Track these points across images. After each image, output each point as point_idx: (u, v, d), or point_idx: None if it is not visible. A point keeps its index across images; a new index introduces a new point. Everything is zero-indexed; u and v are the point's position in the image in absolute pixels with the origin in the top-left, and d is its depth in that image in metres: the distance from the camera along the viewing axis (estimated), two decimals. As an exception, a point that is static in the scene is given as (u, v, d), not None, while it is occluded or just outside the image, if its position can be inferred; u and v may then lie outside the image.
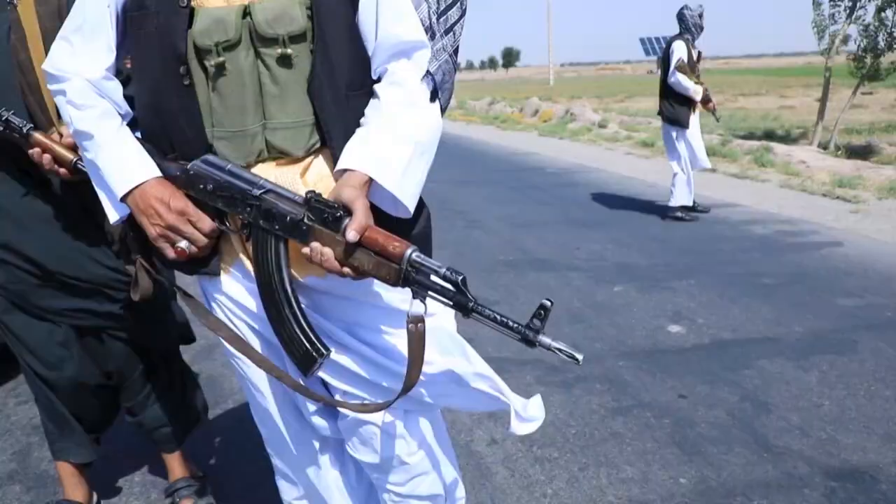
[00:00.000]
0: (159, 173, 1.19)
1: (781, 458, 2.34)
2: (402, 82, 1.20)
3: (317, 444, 1.44)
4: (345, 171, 1.15)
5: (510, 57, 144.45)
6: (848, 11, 9.70)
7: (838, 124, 10.20)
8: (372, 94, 1.22)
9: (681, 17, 5.93)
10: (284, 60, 1.15)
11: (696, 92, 5.78)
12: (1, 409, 2.88)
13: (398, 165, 1.15)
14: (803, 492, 2.15)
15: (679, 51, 5.81)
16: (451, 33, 1.37)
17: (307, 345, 1.17)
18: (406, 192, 1.17)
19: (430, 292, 1.08)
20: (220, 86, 1.16)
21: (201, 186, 1.17)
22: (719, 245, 5.16)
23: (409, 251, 1.08)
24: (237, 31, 1.13)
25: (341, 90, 1.18)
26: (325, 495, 1.48)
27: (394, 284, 1.09)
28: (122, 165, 1.18)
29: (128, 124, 1.26)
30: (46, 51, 1.64)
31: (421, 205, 1.29)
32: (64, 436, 1.98)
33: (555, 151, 11.39)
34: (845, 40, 10.12)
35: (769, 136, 11.69)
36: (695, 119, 5.96)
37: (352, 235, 1.07)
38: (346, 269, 1.11)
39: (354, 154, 1.15)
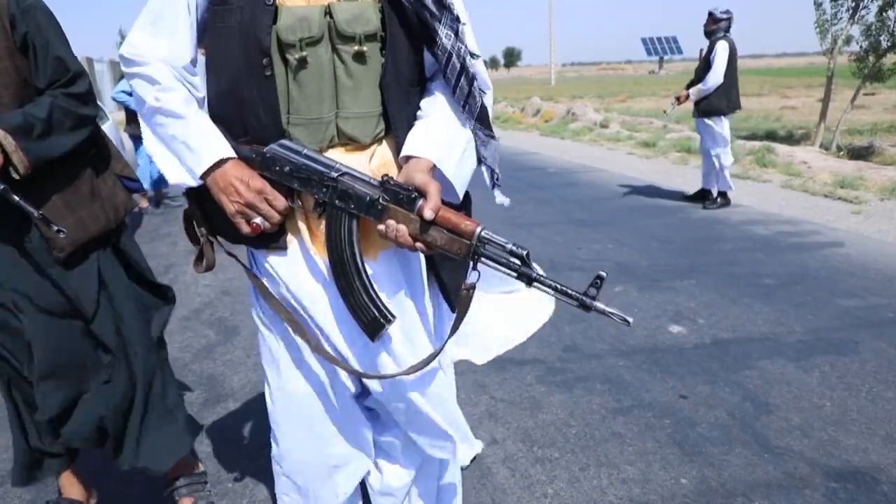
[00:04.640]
0: (236, 155, 1.29)
1: (782, 459, 2.33)
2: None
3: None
4: (409, 157, 1.28)
5: (511, 57, 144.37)
6: (850, 12, 9.68)
7: (840, 125, 10.18)
8: (425, 90, 1.37)
9: None
10: (359, 57, 1.27)
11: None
12: (1, 408, 2.87)
13: (456, 155, 1.31)
14: (804, 492, 2.15)
15: None
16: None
17: (375, 312, 1.29)
18: (459, 179, 1.32)
19: (497, 265, 1.21)
20: (301, 77, 1.26)
21: (277, 168, 1.26)
22: (720, 245, 5.15)
23: (478, 229, 1.21)
24: (320, 29, 1.24)
25: (404, 86, 1.32)
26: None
27: (463, 258, 1.22)
28: (206, 142, 1.27)
29: None
30: None
31: (468, 197, 1.42)
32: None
33: (556, 151, 11.39)
34: (847, 41, 10.08)
35: (771, 136, 11.66)
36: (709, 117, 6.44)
37: (428, 214, 1.20)
38: (419, 244, 1.23)
39: (419, 142, 1.29)
